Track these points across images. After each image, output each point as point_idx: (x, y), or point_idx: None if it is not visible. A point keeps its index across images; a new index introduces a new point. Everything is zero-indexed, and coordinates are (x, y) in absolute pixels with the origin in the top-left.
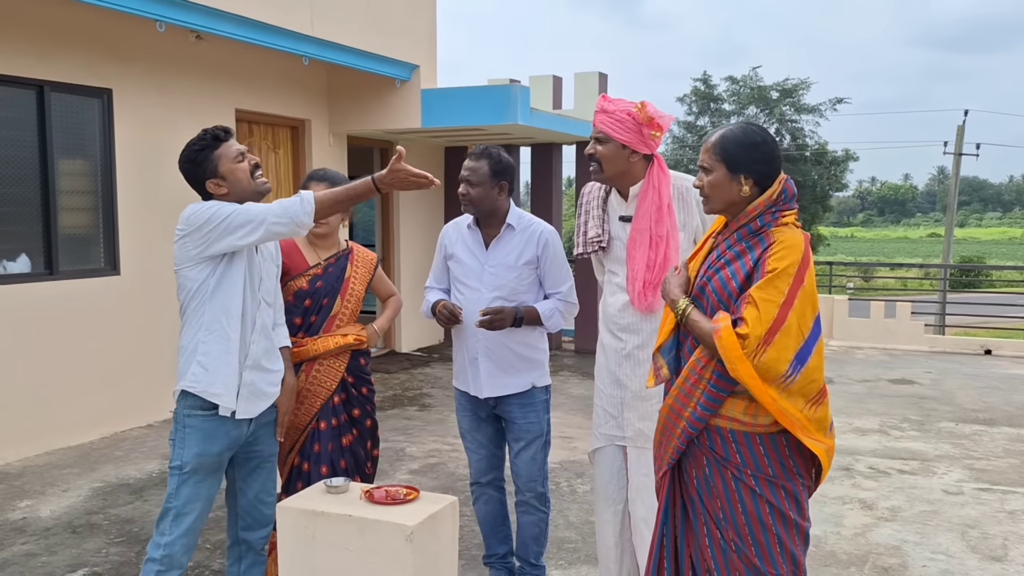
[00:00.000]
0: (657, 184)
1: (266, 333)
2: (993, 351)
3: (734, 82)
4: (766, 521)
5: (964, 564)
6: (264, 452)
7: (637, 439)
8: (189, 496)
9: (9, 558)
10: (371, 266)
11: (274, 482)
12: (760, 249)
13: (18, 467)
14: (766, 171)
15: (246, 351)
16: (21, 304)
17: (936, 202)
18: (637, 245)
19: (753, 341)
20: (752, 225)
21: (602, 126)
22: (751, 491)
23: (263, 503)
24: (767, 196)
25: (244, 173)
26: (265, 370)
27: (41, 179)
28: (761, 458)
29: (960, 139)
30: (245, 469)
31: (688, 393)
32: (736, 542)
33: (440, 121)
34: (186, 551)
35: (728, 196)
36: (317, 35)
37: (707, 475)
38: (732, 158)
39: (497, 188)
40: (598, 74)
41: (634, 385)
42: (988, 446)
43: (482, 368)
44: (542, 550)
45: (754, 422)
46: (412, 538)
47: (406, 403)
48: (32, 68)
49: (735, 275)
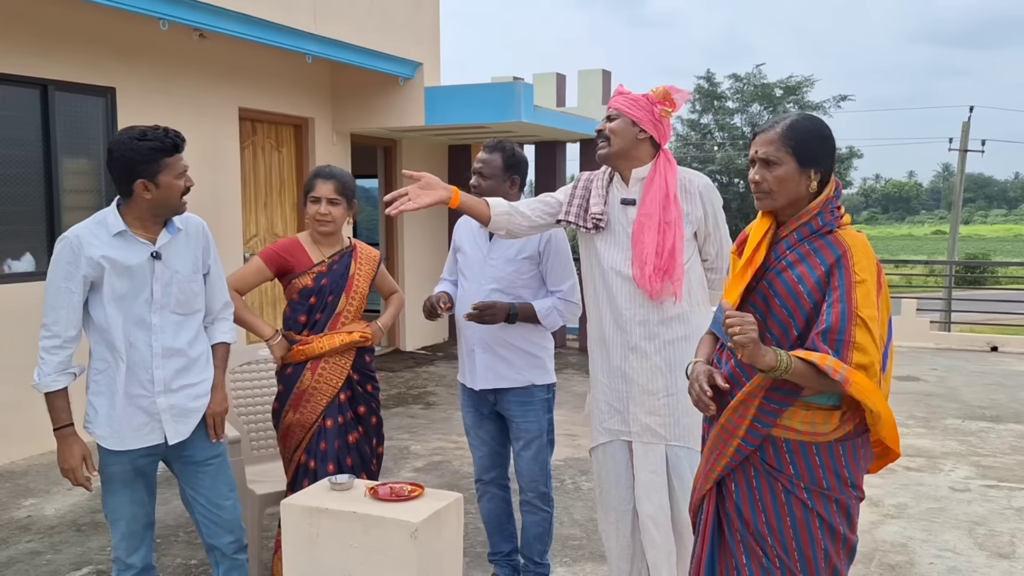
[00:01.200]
0: (664, 172)
1: (173, 352)
2: (999, 348)
3: (738, 80)
4: (815, 535)
5: (972, 561)
6: (199, 455)
7: (643, 434)
8: (114, 504)
9: (14, 556)
10: (374, 263)
11: (227, 483)
12: (830, 253)
13: (23, 466)
14: (831, 166)
15: (150, 378)
16: (25, 303)
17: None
18: (645, 230)
19: (876, 366)
20: (813, 224)
21: (615, 105)
22: (802, 504)
23: (219, 507)
24: (827, 193)
25: (178, 191)
26: (184, 388)
27: (45, 178)
28: (816, 469)
29: (965, 136)
30: (186, 475)
31: (742, 414)
32: (781, 557)
33: (444, 119)
34: (131, 553)
35: (796, 192)
36: (320, 33)
37: (754, 487)
38: (803, 150)
39: (509, 182)
40: (601, 72)
41: (641, 379)
42: (995, 443)
43: (478, 359)
44: (546, 548)
45: (812, 431)
46: (416, 535)
47: (411, 401)
48: (36, 67)
49: (802, 279)
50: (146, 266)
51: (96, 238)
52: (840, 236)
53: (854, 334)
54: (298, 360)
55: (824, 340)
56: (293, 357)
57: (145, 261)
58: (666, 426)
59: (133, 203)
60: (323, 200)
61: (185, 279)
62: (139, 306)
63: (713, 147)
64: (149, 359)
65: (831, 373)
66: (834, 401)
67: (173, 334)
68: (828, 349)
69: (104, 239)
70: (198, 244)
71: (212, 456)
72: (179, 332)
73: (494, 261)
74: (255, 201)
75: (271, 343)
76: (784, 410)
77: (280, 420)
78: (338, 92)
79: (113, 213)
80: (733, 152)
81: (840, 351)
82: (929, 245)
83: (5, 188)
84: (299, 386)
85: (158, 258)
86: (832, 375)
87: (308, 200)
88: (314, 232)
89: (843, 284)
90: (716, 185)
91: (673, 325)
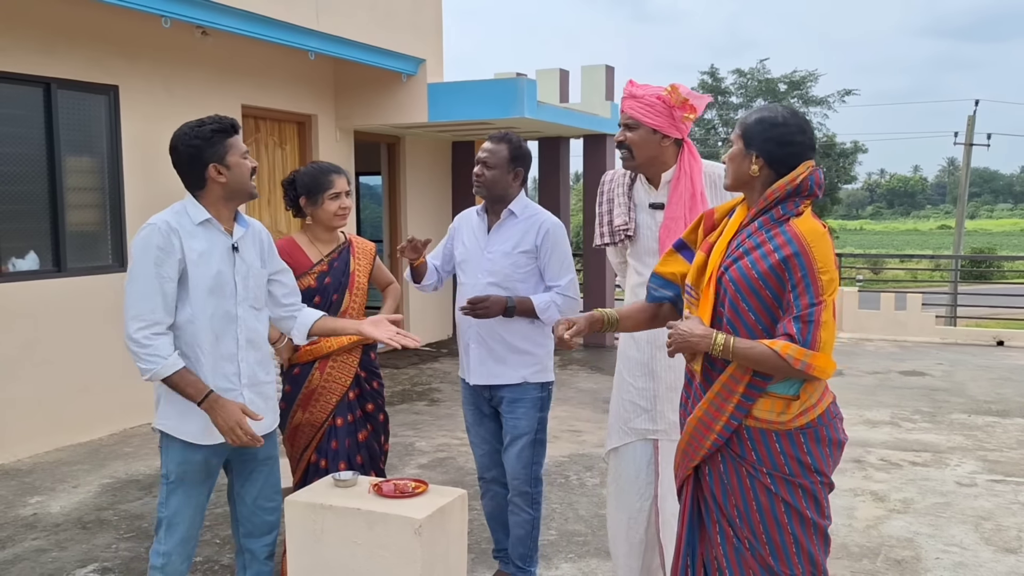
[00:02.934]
0: (689, 170)
1: (256, 344)
2: (1006, 342)
3: (742, 75)
4: (781, 520)
5: (978, 556)
6: (261, 454)
7: (671, 431)
8: (178, 506)
9: (20, 553)
10: (371, 256)
11: (275, 486)
12: (783, 241)
13: (28, 464)
14: (778, 153)
15: (236, 371)
16: (29, 301)
17: (946, 194)
18: (672, 233)
19: (834, 339)
20: (773, 212)
21: (631, 112)
22: (766, 489)
23: (263, 509)
24: (788, 180)
25: (246, 170)
26: (263, 383)
27: (48, 176)
28: (777, 455)
29: (971, 129)
30: (241, 472)
31: (720, 408)
32: (751, 540)
33: (447, 115)
34: (184, 559)
35: (738, 172)
36: (323, 30)
37: (722, 472)
38: (748, 133)
39: (512, 174)
40: (605, 67)
41: (669, 376)
42: (1001, 438)
43: (472, 355)
44: (528, 553)
45: (771, 419)
46: (420, 531)
47: (415, 398)
48: (39, 65)
49: (755, 264)
50: (228, 257)
51: (181, 227)
52: (794, 225)
53: (822, 315)
54: (305, 360)
55: (796, 324)
56: (300, 358)
57: (227, 252)
58: None
59: (208, 192)
60: (342, 194)
61: (258, 273)
62: (226, 298)
63: (717, 143)
64: (235, 352)
65: (792, 362)
66: (794, 391)
67: (252, 327)
68: (799, 334)
69: (189, 228)
70: (260, 242)
71: (269, 456)
72: (257, 325)
73: (491, 255)
74: (258, 199)
75: (277, 345)
76: (754, 402)
77: (287, 420)
78: (341, 89)
79: (193, 203)
80: None
81: (811, 332)
82: (934, 240)
83: (8, 186)
84: (307, 386)
85: (236, 250)
86: (793, 364)
87: (325, 198)
88: (327, 227)
89: (806, 275)
90: None
91: None
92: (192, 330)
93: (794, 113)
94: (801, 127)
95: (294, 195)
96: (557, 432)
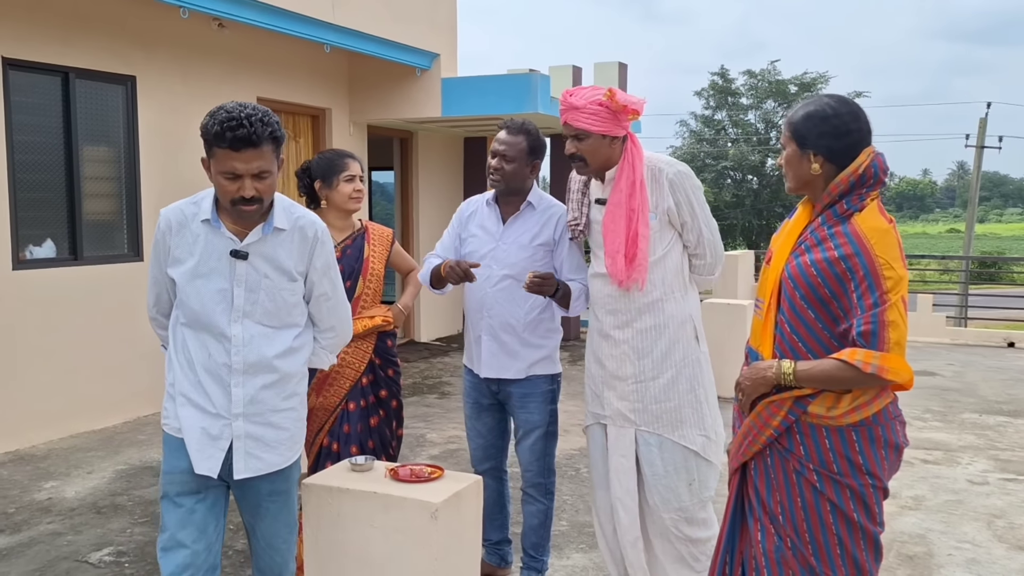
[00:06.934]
0: (631, 160)
1: (266, 367)
2: (1016, 344)
3: (752, 76)
4: (826, 520)
5: (991, 553)
6: (265, 487)
7: (616, 419)
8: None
9: (36, 537)
10: (387, 242)
11: (287, 524)
12: (844, 240)
13: (43, 449)
14: (836, 146)
15: (225, 396)
16: (46, 289)
17: (956, 198)
18: (615, 219)
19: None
20: (836, 208)
21: (577, 123)
22: (812, 487)
23: (274, 549)
24: (850, 171)
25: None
26: (270, 411)
27: (66, 165)
28: (826, 452)
29: (982, 132)
30: (248, 504)
31: (779, 404)
32: (793, 539)
33: (460, 110)
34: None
35: (799, 174)
36: (339, 23)
37: (768, 465)
38: (800, 133)
39: (530, 167)
40: (618, 64)
41: (611, 365)
42: (1013, 437)
43: (484, 347)
44: (542, 543)
45: (822, 413)
46: (437, 515)
47: (426, 391)
48: (57, 55)
49: (814, 261)
50: (224, 264)
51: (185, 221)
52: (856, 223)
53: (888, 315)
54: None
55: (860, 326)
56: None
57: (222, 257)
58: (635, 411)
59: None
60: (356, 177)
61: (275, 286)
62: (216, 312)
63: (727, 143)
64: (225, 376)
65: (862, 367)
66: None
67: (258, 348)
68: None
69: (193, 224)
70: (304, 248)
71: (275, 490)
72: (266, 346)
73: (507, 247)
74: None
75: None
76: (815, 399)
77: None
78: (355, 83)
79: (209, 197)
80: (747, 148)
81: (878, 333)
82: (943, 243)
83: (26, 175)
84: (321, 371)
85: (242, 257)
86: (863, 368)
87: (340, 179)
88: (341, 210)
89: (868, 274)
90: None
91: (644, 314)
92: (181, 335)
93: (842, 100)
94: (855, 113)
95: (308, 181)
96: (567, 426)
